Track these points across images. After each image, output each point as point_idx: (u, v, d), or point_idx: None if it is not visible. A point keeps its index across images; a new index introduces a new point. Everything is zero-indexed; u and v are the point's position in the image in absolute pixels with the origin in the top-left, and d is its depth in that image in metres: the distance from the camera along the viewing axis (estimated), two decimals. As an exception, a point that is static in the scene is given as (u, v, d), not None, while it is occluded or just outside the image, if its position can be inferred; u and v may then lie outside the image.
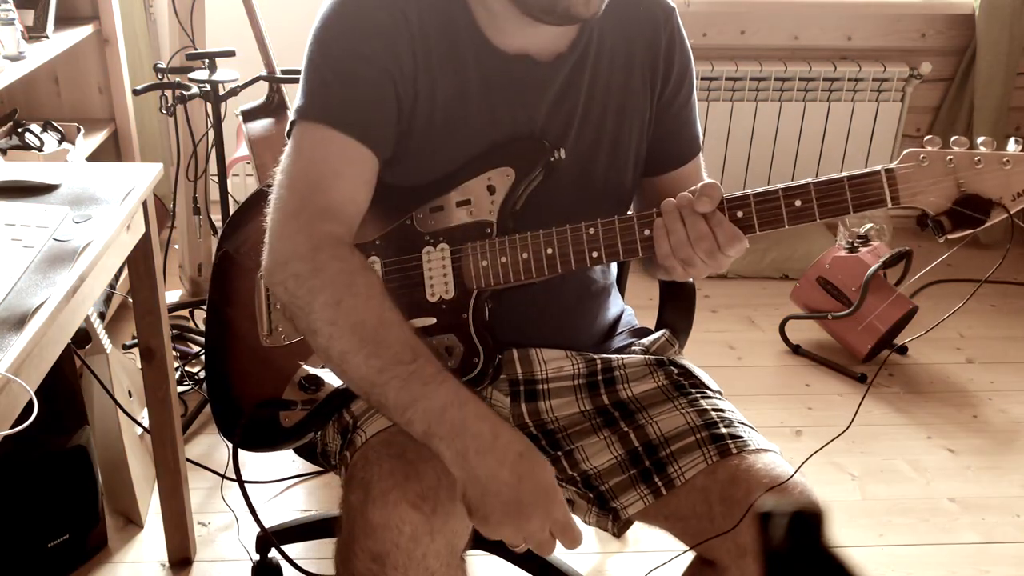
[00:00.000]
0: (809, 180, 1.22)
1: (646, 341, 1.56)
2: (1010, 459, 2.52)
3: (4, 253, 1.44)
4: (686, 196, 1.24)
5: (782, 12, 3.55)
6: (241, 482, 1.44)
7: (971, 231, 1.20)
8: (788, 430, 2.61)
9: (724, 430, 1.37)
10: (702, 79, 3.48)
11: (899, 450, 2.55)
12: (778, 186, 1.23)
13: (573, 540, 1.17)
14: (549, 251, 1.29)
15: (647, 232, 1.27)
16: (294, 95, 1.36)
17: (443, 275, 1.34)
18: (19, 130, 2.63)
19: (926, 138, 1.21)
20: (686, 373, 1.50)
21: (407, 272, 1.36)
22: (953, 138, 1.20)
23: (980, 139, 1.19)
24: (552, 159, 1.34)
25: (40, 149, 2.61)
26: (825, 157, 3.65)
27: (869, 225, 3.06)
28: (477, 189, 1.34)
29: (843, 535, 2.21)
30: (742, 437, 1.36)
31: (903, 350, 2.99)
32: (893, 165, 1.21)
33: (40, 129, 2.69)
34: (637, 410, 1.45)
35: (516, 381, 1.48)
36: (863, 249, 2.96)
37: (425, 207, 1.35)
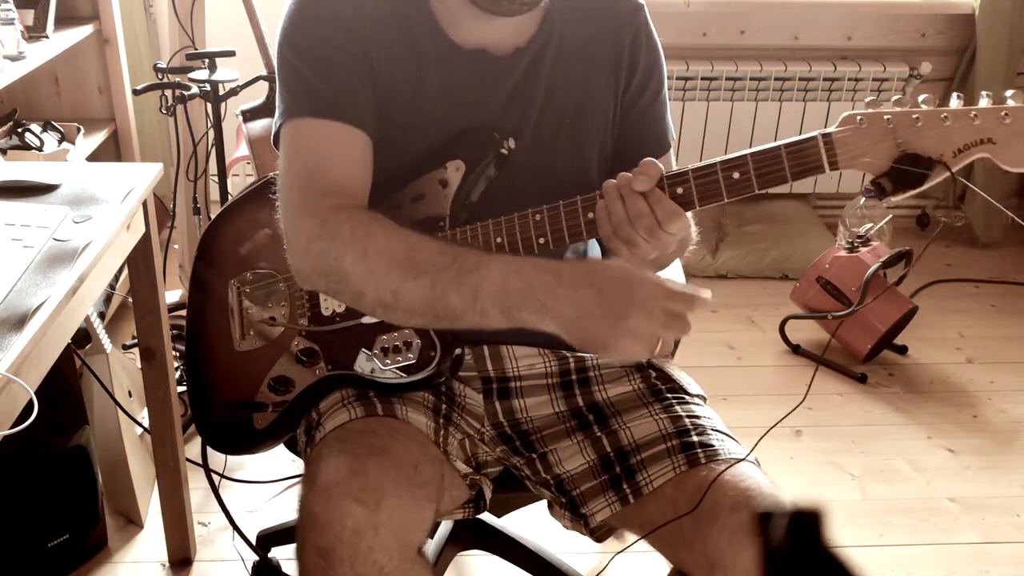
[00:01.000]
0: (747, 151, 1.21)
1: None
2: (1010, 459, 2.52)
3: (4, 253, 1.44)
4: (625, 176, 1.23)
5: (782, 12, 3.54)
6: (212, 479, 1.43)
7: (913, 190, 1.17)
8: (788, 430, 2.61)
9: (695, 438, 1.36)
10: (702, 79, 3.48)
11: (899, 450, 2.55)
12: (716, 159, 1.22)
13: (688, 301, 1.14)
14: (498, 240, 1.30)
15: (591, 215, 1.26)
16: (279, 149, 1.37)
17: None
18: (19, 130, 2.63)
19: (867, 100, 1.19)
20: (664, 377, 1.49)
21: None
22: (894, 98, 1.18)
23: (921, 97, 1.17)
24: (503, 150, 1.34)
25: (40, 149, 2.61)
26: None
27: (869, 225, 3.06)
28: (430, 184, 1.35)
29: (843, 535, 2.21)
30: (713, 446, 1.35)
31: (903, 350, 2.99)
32: (831, 129, 1.18)
33: (40, 129, 2.69)
34: (611, 414, 1.45)
35: (488, 378, 1.48)
36: (863, 249, 2.96)
37: (384, 206, 1.35)
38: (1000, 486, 2.41)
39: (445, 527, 1.87)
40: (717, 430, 1.40)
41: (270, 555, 1.99)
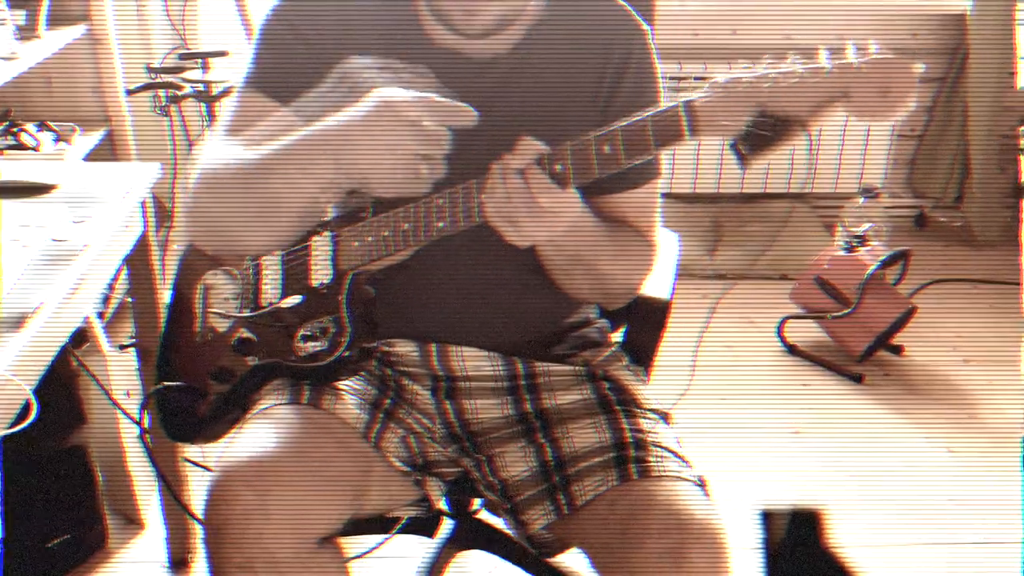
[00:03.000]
0: (618, 124, 1.18)
1: (589, 353, 1.52)
2: (1009, 459, 2.52)
3: (3, 253, 1.43)
4: (507, 154, 1.22)
5: (774, 11, 3.55)
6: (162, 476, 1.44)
7: (769, 150, 1.13)
8: (786, 430, 2.61)
9: (632, 452, 1.34)
10: (694, 79, 3.47)
11: (898, 450, 2.55)
12: (592, 134, 1.19)
13: (440, 111, 1.20)
14: (405, 226, 1.29)
15: (482, 197, 1.25)
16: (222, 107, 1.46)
17: (324, 259, 1.36)
18: (15, 130, 2.61)
19: (732, 65, 1.17)
20: (618, 389, 1.47)
21: (298, 260, 1.38)
22: (764, 62, 1.15)
23: (790, 59, 1.13)
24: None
25: (36, 149, 2.59)
26: (822, 157, 3.64)
27: (868, 225, 3.06)
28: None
29: (842, 535, 2.21)
30: (648, 462, 1.32)
31: (900, 350, 2.99)
32: (693, 96, 1.14)
33: (36, 129, 2.67)
34: (557, 422, 1.43)
35: (436, 376, 1.48)
36: (861, 249, 2.96)
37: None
38: (999, 486, 2.41)
39: (446, 528, 1.86)
40: (660, 445, 1.36)
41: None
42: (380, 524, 1.49)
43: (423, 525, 1.74)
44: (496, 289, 1.45)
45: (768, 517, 1.66)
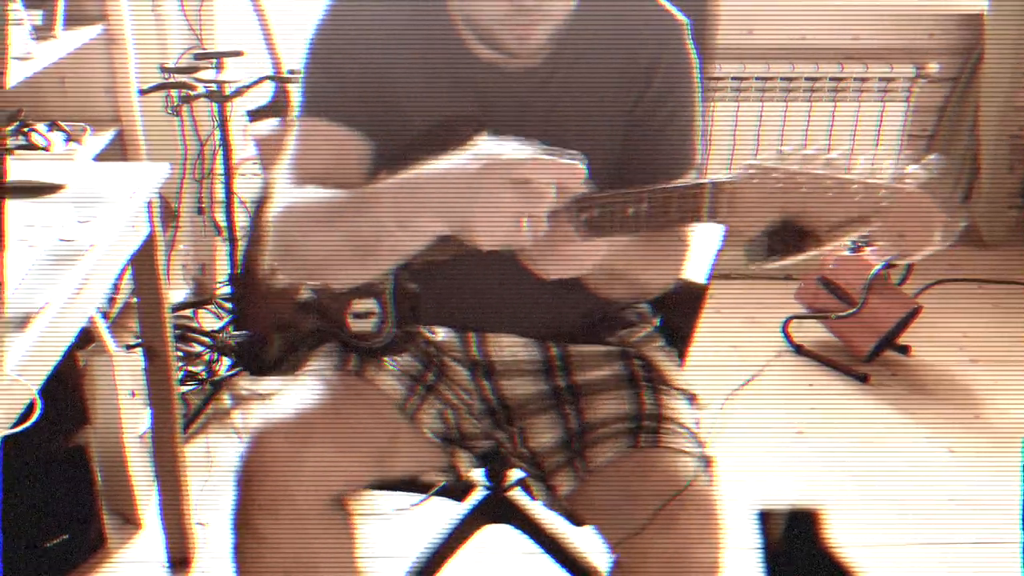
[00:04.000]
0: (647, 188, 1.14)
1: (625, 333, 1.56)
2: (1011, 459, 2.51)
3: (9, 253, 1.45)
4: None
5: (790, 11, 3.54)
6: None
7: (781, 261, 1.07)
8: (790, 430, 2.62)
9: (647, 423, 1.39)
10: (708, 79, 3.46)
11: (899, 450, 2.55)
12: (622, 192, 1.16)
13: (545, 168, 1.12)
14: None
15: None
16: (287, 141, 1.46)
17: None
18: (26, 130, 2.64)
19: (783, 148, 1.06)
20: (648, 367, 1.51)
21: None
22: (808, 150, 1.05)
23: (834, 153, 1.04)
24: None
25: (47, 149, 2.62)
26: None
27: (872, 225, 3.05)
28: None
29: (843, 535, 2.22)
30: (659, 434, 1.37)
31: (905, 350, 2.99)
32: (723, 178, 1.09)
33: (47, 129, 2.70)
34: (585, 394, 1.48)
35: (475, 363, 1.53)
36: (866, 249, 2.96)
37: None
38: (1000, 486, 2.41)
39: (475, 499, 1.90)
40: (675, 421, 1.41)
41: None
42: (415, 485, 1.57)
43: (454, 490, 1.82)
44: (532, 281, 1.46)
45: (766, 517, 1.67)
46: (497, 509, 1.89)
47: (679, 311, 1.70)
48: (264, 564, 1.31)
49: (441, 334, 1.54)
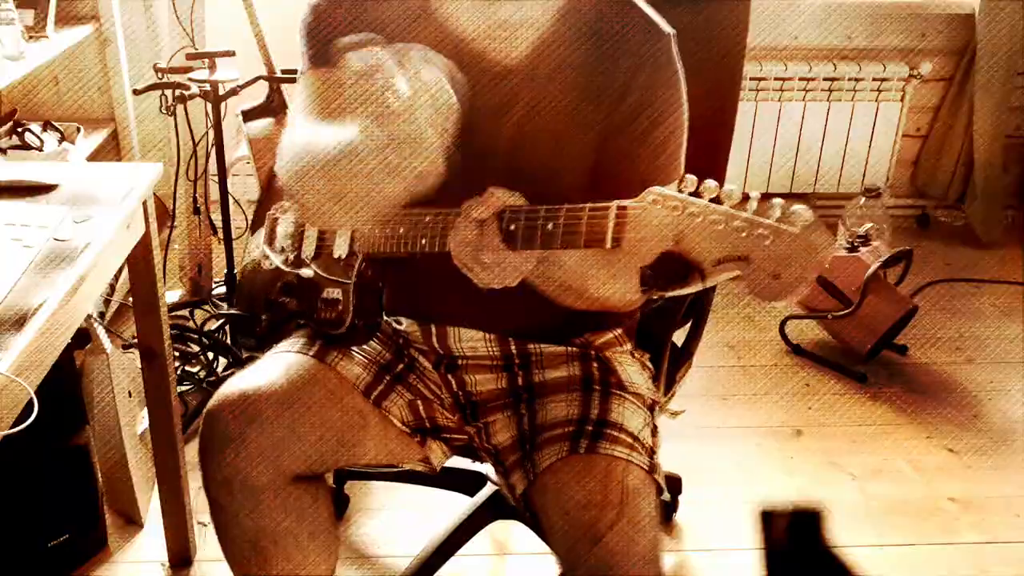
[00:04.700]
0: (564, 207, 1.15)
1: (591, 335, 1.54)
2: (1010, 459, 2.52)
3: (4, 253, 1.44)
4: (473, 200, 1.21)
5: (783, 12, 3.54)
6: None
7: (666, 293, 1.08)
8: (788, 430, 2.61)
9: (591, 428, 1.38)
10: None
11: (899, 450, 2.55)
12: (543, 208, 1.17)
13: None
14: (401, 230, 1.33)
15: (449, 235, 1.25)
16: (293, 95, 1.48)
17: (345, 237, 1.47)
18: (19, 130, 2.63)
19: (683, 178, 1.06)
20: (606, 370, 1.50)
21: (327, 232, 1.50)
22: (706, 182, 1.04)
23: (727, 187, 1.04)
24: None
25: (40, 149, 2.61)
26: (825, 158, 3.64)
27: (869, 225, 3.05)
28: None
29: (843, 535, 2.21)
30: (601, 439, 1.35)
31: (903, 349, 2.99)
32: (628, 202, 1.08)
33: (40, 129, 2.69)
34: (539, 395, 1.48)
35: (440, 356, 1.55)
36: (863, 249, 2.96)
37: None
38: (1000, 486, 2.41)
39: (485, 493, 1.94)
40: (621, 428, 1.39)
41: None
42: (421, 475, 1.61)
43: (465, 483, 1.95)
44: None
45: (768, 516, 1.66)
46: (505, 504, 1.89)
47: (654, 316, 1.67)
48: (230, 535, 1.41)
49: (405, 325, 1.56)
